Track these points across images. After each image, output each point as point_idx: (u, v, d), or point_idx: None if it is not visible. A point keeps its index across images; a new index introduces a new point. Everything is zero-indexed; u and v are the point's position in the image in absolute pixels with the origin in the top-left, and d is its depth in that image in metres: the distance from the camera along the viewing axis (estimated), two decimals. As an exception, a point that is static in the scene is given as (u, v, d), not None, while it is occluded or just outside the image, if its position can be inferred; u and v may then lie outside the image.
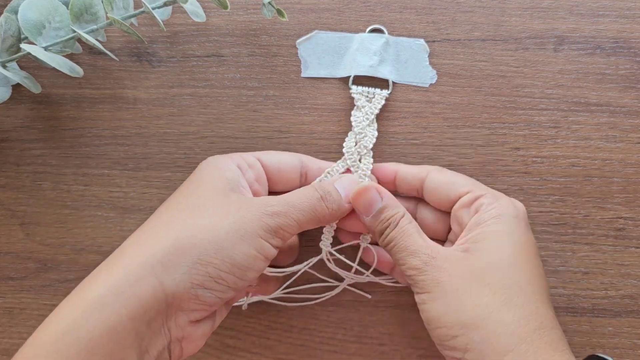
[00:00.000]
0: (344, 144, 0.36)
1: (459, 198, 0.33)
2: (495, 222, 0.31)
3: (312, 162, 0.35)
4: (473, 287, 0.29)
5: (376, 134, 0.36)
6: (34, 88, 0.36)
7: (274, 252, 0.30)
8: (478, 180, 0.36)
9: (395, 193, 0.35)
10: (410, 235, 0.31)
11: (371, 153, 0.35)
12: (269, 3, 0.36)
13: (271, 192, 0.35)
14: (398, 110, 0.37)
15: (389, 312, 0.37)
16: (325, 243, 0.35)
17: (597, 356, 0.31)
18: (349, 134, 0.36)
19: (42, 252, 0.38)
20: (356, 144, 0.35)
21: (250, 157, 0.34)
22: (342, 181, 0.33)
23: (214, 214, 0.29)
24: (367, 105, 0.36)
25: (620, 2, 0.36)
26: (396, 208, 0.32)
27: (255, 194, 0.33)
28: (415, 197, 0.36)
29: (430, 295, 0.30)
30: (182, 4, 0.35)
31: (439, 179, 0.34)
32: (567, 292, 0.36)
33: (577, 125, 0.36)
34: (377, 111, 0.36)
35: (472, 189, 0.33)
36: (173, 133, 0.38)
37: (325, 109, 0.37)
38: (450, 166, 0.37)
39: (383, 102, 0.36)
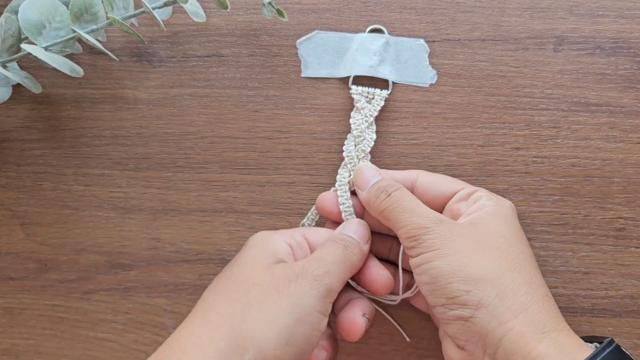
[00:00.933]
0: (344, 147, 0.36)
1: (452, 195, 0.33)
2: (496, 208, 0.32)
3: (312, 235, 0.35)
4: (485, 249, 0.29)
5: (374, 136, 0.36)
6: (35, 88, 0.36)
7: (326, 322, 0.30)
8: (478, 180, 0.37)
9: None
10: (414, 199, 0.32)
11: (369, 157, 0.35)
12: (269, 3, 0.36)
13: None
14: (398, 110, 0.37)
15: (389, 312, 0.37)
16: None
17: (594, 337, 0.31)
18: (348, 136, 0.36)
19: (43, 252, 0.38)
20: (355, 147, 0.36)
21: (297, 235, 0.33)
22: (350, 227, 0.34)
23: (268, 300, 0.28)
24: (366, 106, 0.36)
25: (620, 2, 0.36)
26: (394, 182, 0.33)
27: None
28: None
29: (440, 252, 0.29)
30: (182, 4, 0.35)
31: (431, 180, 0.34)
32: (567, 292, 0.36)
33: (577, 125, 0.36)
34: (376, 113, 0.36)
35: (465, 186, 0.34)
36: (173, 133, 0.38)
37: (326, 109, 0.37)
38: (450, 166, 0.37)
39: (382, 102, 0.36)
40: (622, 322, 0.36)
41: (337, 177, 0.36)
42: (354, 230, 0.33)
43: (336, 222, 0.35)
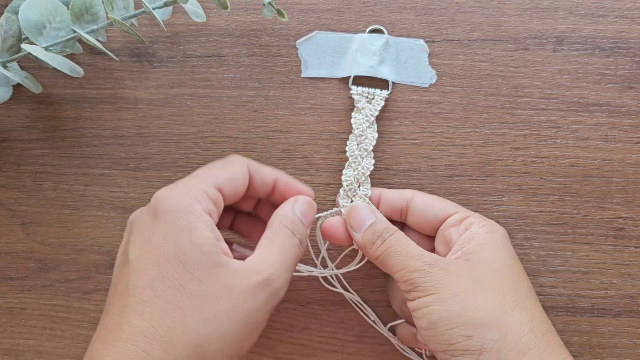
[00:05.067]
0: (347, 148, 0.36)
1: (446, 219, 0.33)
2: (489, 236, 0.31)
3: (258, 168, 0.32)
4: (483, 289, 0.29)
5: (376, 135, 0.36)
6: (35, 88, 0.37)
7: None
8: (477, 179, 0.37)
9: None
10: (408, 243, 0.31)
11: (372, 154, 0.35)
12: (269, 3, 0.36)
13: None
14: (398, 110, 0.37)
15: (389, 312, 0.37)
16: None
17: None
18: (350, 136, 0.36)
19: (43, 252, 0.38)
20: (358, 146, 0.36)
21: (211, 189, 0.29)
22: (299, 206, 0.32)
23: (223, 315, 0.27)
24: (367, 106, 0.36)
25: (619, 2, 0.36)
26: (389, 224, 0.32)
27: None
28: (398, 222, 0.35)
29: (438, 296, 0.28)
30: (182, 4, 0.35)
31: (428, 200, 0.34)
32: (567, 292, 0.36)
33: (577, 125, 0.36)
34: (376, 112, 0.36)
35: (459, 210, 0.33)
36: (173, 133, 0.38)
37: (326, 109, 0.37)
38: (449, 166, 0.37)
39: (383, 102, 0.36)
40: (622, 321, 0.36)
41: (342, 177, 0.35)
42: (303, 211, 0.31)
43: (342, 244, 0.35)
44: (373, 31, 0.37)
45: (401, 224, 0.35)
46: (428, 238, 0.34)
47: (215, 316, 0.26)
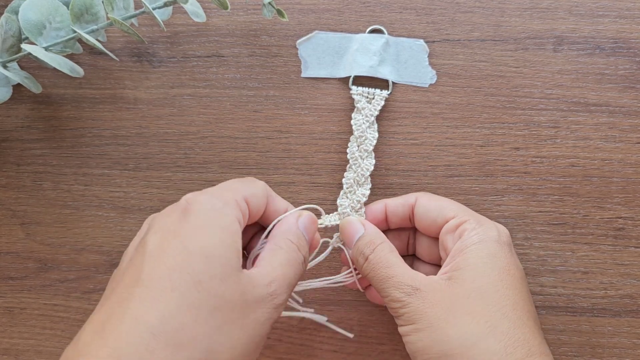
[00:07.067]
0: (348, 150, 0.36)
1: (444, 224, 0.32)
2: (477, 247, 0.30)
3: (274, 195, 0.32)
4: (457, 317, 0.28)
5: (376, 135, 0.36)
6: (35, 88, 0.37)
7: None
8: (477, 179, 0.37)
9: (389, 230, 0.35)
10: (390, 265, 0.31)
11: (373, 155, 0.35)
12: (269, 3, 0.36)
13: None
14: (398, 110, 0.37)
15: (389, 312, 0.37)
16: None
17: None
18: (351, 138, 0.36)
19: (43, 252, 0.38)
20: (358, 147, 0.36)
21: (241, 199, 0.29)
22: (304, 221, 0.31)
23: (236, 324, 0.25)
24: (367, 106, 0.36)
25: (619, 2, 0.36)
26: (375, 236, 0.32)
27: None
28: (410, 228, 0.35)
29: (415, 327, 0.29)
30: (182, 4, 0.35)
31: (428, 204, 0.33)
32: (567, 292, 0.36)
33: (577, 126, 0.36)
34: (376, 112, 0.36)
35: (457, 214, 0.32)
36: (173, 133, 0.38)
37: (326, 109, 0.37)
38: (449, 166, 0.37)
39: (383, 102, 0.36)
40: (622, 321, 0.36)
41: (343, 180, 0.35)
42: (307, 227, 0.31)
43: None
44: (373, 31, 0.37)
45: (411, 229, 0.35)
46: (433, 240, 0.34)
47: (228, 323, 0.25)
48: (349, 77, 0.37)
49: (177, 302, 0.24)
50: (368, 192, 0.35)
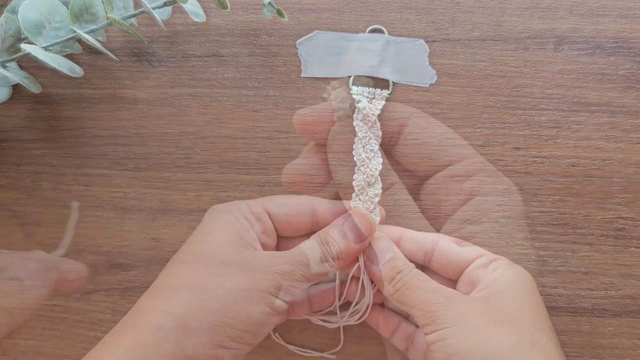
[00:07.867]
0: (354, 152, 0.36)
1: (472, 261, 0.33)
2: (513, 277, 0.31)
3: (323, 205, 0.35)
4: (500, 326, 0.29)
5: (380, 133, 0.36)
6: (34, 88, 0.36)
7: (285, 306, 0.31)
8: (477, 179, 0.36)
9: None
10: (426, 279, 0.32)
11: (379, 154, 0.35)
12: (269, 3, 0.36)
13: (281, 237, 0.35)
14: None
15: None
16: None
17: None
18: (355, 140, 0.36)
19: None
20: (363, 148, 0.36)
21: (257, 207, 0.33)
22: (349, 223, 0.33)
23: (230, 275, 0.30)
24: (367, 106, 0.36)
25: (620, 2, 0.36)
26: (407, 261, 0.33)
27: (264, 246, 0.33)
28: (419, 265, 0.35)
29: (456, 330, 0.29)
30: (182, 4, 0.35)
31: (450, 247, 0.34)
32: (567, 292, 0.36)
33: (578, 125, 0.36)
34: (378, 112, 0.36)
35: (485, 253, 0.33)
36: (173, 133, 0.38)
37: (325, 109, 0.37)
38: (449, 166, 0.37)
39: (383, 102, 0.36)
40: (622, 322, 0.36)
41: (353, 182, 0.35)
42: (351, 227, 0.33)
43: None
44: (373, 31, 0.37)
45: (421, 267, 0.35)
46: (448, 281, 0.34)
47: (226, 276, 0.30)
48: (349, 77, 0.37)
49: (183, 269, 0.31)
50: (380, 191, 0.35)
